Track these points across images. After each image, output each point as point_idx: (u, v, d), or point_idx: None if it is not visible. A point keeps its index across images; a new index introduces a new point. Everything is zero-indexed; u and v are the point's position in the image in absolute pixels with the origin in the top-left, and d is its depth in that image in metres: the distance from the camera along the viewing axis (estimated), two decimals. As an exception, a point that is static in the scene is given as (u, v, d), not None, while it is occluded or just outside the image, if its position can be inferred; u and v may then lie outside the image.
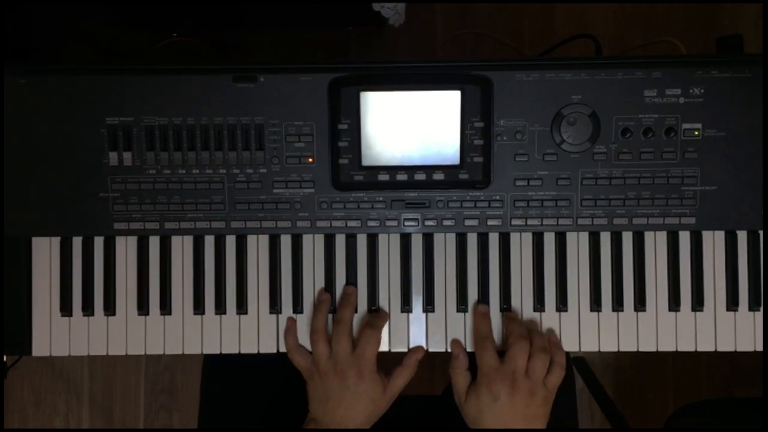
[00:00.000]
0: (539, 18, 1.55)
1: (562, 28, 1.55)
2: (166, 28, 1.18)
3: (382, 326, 0.80)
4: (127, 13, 1.16)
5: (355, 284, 0.82)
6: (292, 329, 0.81)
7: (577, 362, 1.50)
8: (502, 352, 0.77)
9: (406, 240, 0.82)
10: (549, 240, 0.81)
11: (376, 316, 0.81)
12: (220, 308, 0.82)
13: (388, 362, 0.81)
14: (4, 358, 0.84)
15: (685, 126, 0.78)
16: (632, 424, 1.25)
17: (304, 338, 0.81)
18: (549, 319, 0.81)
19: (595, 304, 0.81)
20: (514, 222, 0.80)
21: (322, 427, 0.76)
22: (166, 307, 0.82)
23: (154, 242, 0.82)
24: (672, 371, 1.60)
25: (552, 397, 0.76)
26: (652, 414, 1.59)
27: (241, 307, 0.82)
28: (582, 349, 0.81)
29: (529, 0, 1.54)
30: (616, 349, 0.81)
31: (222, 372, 0.99)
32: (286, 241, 0.82)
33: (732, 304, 0.80)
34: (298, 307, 0.82)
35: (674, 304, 0.81)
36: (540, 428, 0.75)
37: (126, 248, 0.82)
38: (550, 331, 0.81)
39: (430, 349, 0.82)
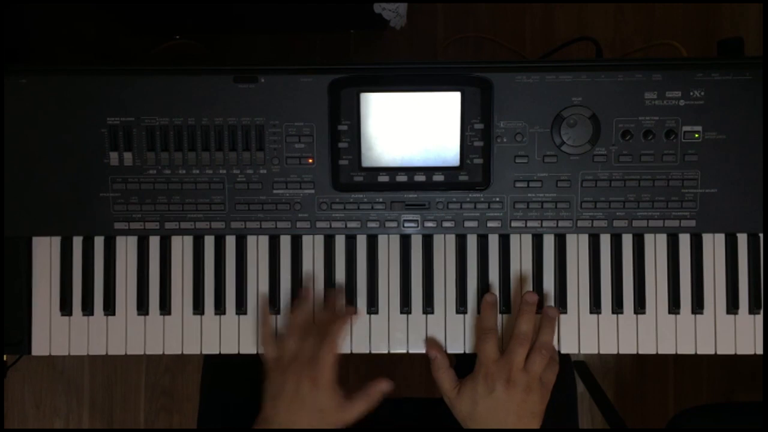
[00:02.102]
0: (540, 20, 1.55)
1: (564, 31, 1.55)
2: (166, 32, 1.18)
3: (339, 333, 0.77)
4: (127, 17, 1.17)
5: (354, 285, 0.82)
6: (268, 318, 0.81)
7: (578, 366, 1.50)
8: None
9: (405, 241, 0.82)
10: (549, 242, 0.81)
11: (333, 322, 0.78)
12: (220, 308, 0.82)
13: (387, 363, 0.81)
14: (4, 358, 0.84)
15: (686, 128, 0.78)
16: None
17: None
18: (548, 321, 0.81)
19: (595, 306, 0.81)
20: (514, 224, 0.80)
21: (272, 428, 0.74)
22: (165, 307, 0.82)
23: (154, 242, 0.82)
24: (673, 375, 1.60)
25: (548, 395, 0.76)
26: (652, 418, 1.59)
27: (241, 308, 0.82)
28: (581, 351, 0.81)
29: (530, 0, 1.54)
30: (615, 352, 0.81)
31: (222, 373, 0.99)
32: (285, 241, 0.82)
33: (732, 307, 0.80)
34: (297, 307, 0.82)
35: (674, 306, 0.80)
36: (535, 427, 0.75)
37: (126, 248, 0.82)
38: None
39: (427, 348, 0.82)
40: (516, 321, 0.77)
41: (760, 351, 0.80)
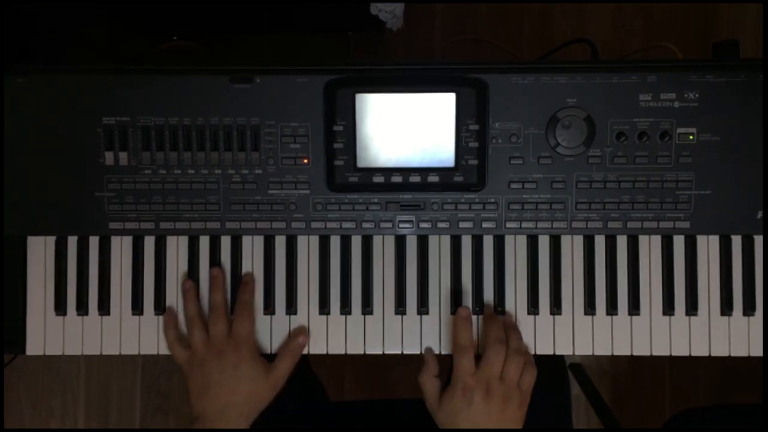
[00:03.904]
0: (539, 23, 1.56)
1: (562, 34, 1.56)
2: (165, 33, 1.18)
3: (249, 299, 0.80)
4: (127, 18, 1.17)
5: (349, 286, 0.82)
6: (171, 322, 0.80)
7: (575, 368, 1.50)
8: (478, 355, 0.76)
9: (400, 242, 0.82)
10: (543, 243, 0.81)
11: (241, 290, 0.80)
12: (215, 308, 0.82)
13: (384, 364, 0.81)
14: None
15: (680, 130, 0.78)
16: (628, 431, 1.25)
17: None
18: (543, 322, 0.81)
19: (589, 308, 0.81)
20: (509, 224, 0.80)
21: (207, 422, 0.75)
22: (160, 307, 0.82)
23: (149, 242, 0.82)
24: (669, 378, 1.60)
25: (527, 400, 0.75)
26: (649, 420, 1.59)
27: (235, 308, 0.81)
28: (576, 353, 0.81)
29: (529, 0, 1.54)
30: (609, 353, 0.81)
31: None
32: (280, 241, 0.82)
33: (726, 308, 0.80)
34: (292, 308, 0.81)
35: (668, 308, 0.80)
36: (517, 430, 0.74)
37: (121, 248, 0.82)
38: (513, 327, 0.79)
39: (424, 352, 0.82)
40: (486, 331, 0.77)
41: (754, 353, 0.80)
